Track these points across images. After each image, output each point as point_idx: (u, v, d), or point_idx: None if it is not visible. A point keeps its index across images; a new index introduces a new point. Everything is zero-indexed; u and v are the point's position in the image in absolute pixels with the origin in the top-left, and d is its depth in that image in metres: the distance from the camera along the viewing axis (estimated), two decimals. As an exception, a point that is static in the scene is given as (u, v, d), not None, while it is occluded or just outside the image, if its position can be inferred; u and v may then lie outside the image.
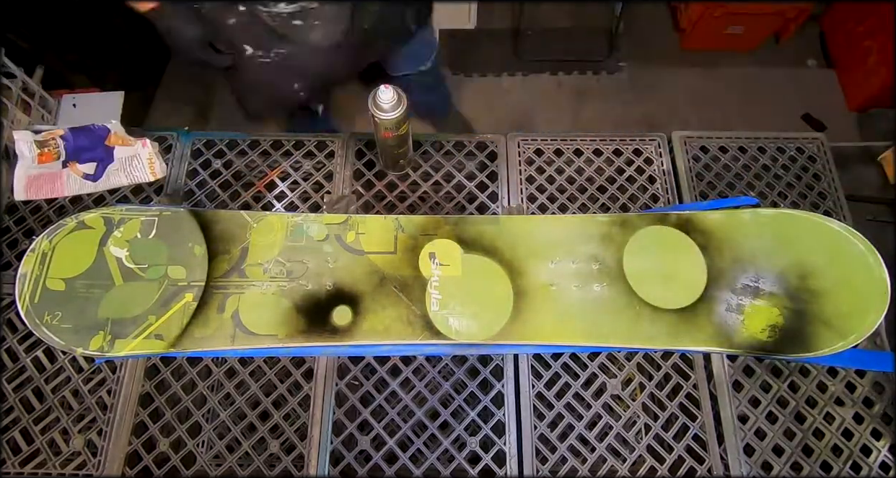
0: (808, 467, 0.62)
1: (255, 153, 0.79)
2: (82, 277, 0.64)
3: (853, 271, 0.64)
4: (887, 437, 0.64)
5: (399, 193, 0.77)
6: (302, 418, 0.64)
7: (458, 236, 0.69)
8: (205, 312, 0.64)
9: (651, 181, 0.78)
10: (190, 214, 0.69)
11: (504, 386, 0.65)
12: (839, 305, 0.63)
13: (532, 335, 0.64)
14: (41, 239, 0.65)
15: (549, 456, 0.62)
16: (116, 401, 0.64)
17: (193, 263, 0.66)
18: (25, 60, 1.05)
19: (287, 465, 0.62)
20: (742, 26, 1.74)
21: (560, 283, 0.67)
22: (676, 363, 0.67)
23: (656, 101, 1.77)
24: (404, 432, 0.63)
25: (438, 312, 0.65)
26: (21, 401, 0.64)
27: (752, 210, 0.70)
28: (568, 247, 0.69)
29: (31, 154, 0.74)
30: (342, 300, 0.65)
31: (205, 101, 1.73)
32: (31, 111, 1.00)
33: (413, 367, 0.67)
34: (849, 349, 0.62)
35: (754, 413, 0.64)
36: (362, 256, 0.68)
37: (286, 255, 0.67)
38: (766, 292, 0.65)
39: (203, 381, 0.66)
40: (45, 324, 0.62)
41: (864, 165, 0.93)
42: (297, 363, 0.66)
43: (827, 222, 0.67)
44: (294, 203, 0.76)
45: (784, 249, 0.67)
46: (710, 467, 0.62)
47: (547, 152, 0.80)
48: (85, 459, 0.62)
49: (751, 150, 0.81)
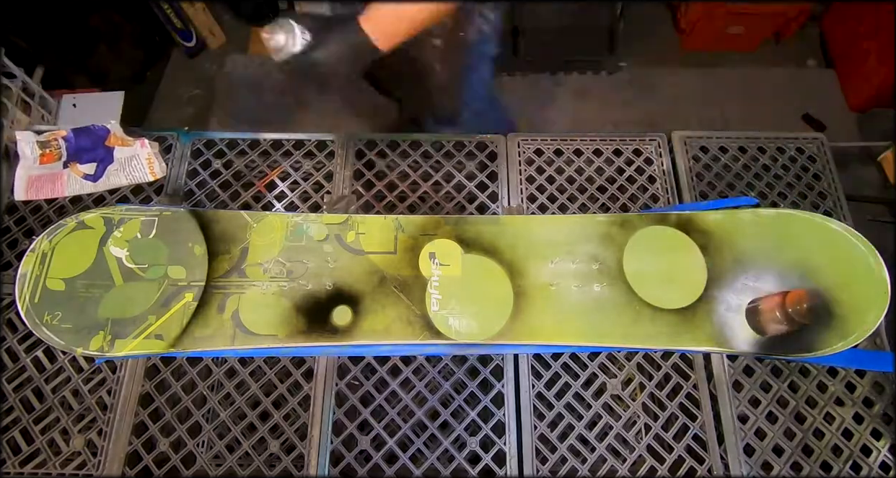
0: (808, 467, 0.62)
1: (255, 153, 0.79)
2: (82, 277, 0.64)
3: (853, 272, 0.64)
4: (887, 437, 0.64)
5: (399, 193, 0.77)
6: (302, 418, 0.64)
7: (458, 236, 0.69)
8: (205, 312, 0.64)
9: (651, 181, 0.78)
10: (190, 214, 0.69)
11: (504, 386, 0.65)
12: (839, 306, 0.63)
13: (532, 335, 0.64)
14: (41, 239, 0.65)
15: (549, 456, 0.62)
16: (116, 401, 0.64)
17: (193, 263, 0.66)
18: (25, 60, 1.05)
19: (287, 465, 0.62)
20: (742, 26, 1.74)
21: (560, 283, 0.67)
22: (676, 363, 0.67)
23: (656, 102, 1.77)
24: (404, 432, 0.63)
25: (438, 312, 0.65)
26: (21, 401, 0.64)
27: (752, 210, 0.70)
28: (568, 247, 0.69)
29: (33, 155, 0.74)
30: (342, 300, 0.65)
31: (205, 102, 1.73)
32: (31, 111, 1.01)
33: (413, 367, 0.67)
34: (849, 349, 0.62)
35: (754, 413, 0.64)
36: (362, 256, 0.68)
37: (286, 255, 0.67)
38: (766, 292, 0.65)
39: (203, 381, 0.66)
40: (45, 324, 0.62)
41: (864, 165, 0.93)
42: (297, 363, 0.66)
43: (827, 222, 0.67)
44: (294, 203, 0.76)
45: (784, 249, 0.67)
46: (710, 467, 0.62)
47: (547, 152, 0.80)
48: (85, 459, 0.62)
49: (751, 150, 0.81)
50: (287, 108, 1.66)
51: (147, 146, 0.76)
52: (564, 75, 1.81)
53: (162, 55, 1.77)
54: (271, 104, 1.70)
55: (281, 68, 0.65)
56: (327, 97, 1.60)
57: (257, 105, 1.71)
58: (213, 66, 1.80)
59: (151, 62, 1.73)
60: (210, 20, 1.75)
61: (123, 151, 0.76)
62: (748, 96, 1.76)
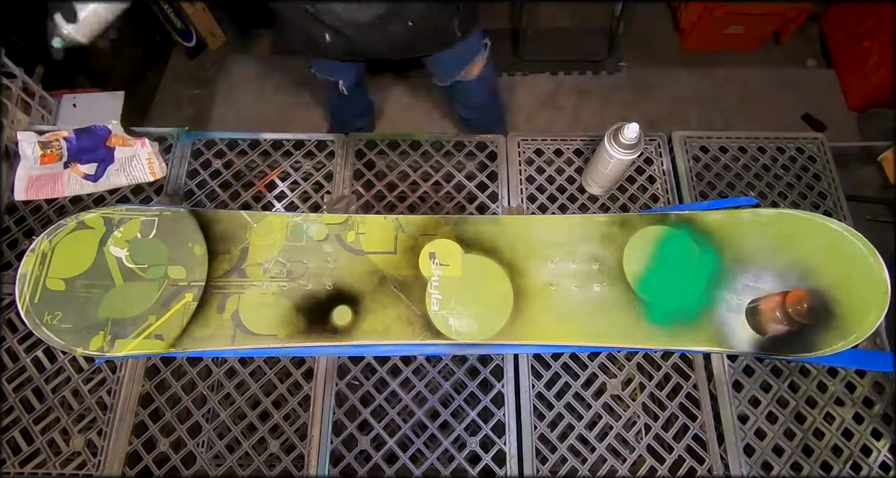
0: (808, 467, 0.62)
1: (255, 153, 0.79)
2: (82, 277, 0.64)
3: (853, 271, 0.64)
4: (887, 437, 0.64)
5: (399, 193, 0.77)
6: (302, 418, 0.64)
7: (459, 236, 0.69)
8: (205, 312, 0.64)
9: (651, 181, 0.78)
10: (190, 214, 0.69)
11: (504, 386, 0.65)
12: (839, 306, 0.63)
13: (532, 335, 0.64)
14: (41, 239, 0.65)
15: (549, 456, 0.62)
16: (116, 401, 0.64)
17: (193, 263, 0.66)
18: (25, 60, 1.05)
19: (287, 465, 0.62)
20: (742, 26, 1.74)
21: (560, 283, 0.67)
22: (676, 363, 0.67)
23: (656, 101, 1.77)
24: (404, 432, 0.63)
25: (438, 312, 0.65)
26: (21, 401, 0.64)
27: (752, 210, 0.70)
28: (568, 247, 0.69)
29: (34, 155, 0.74)
30: (342, 300, 0.65)
31: (205, 102, 1.73)
32: (31, 111, 1.00)
33: (413, 367, 0.67)
34: (849, 349, 0.62)
35: (754, 413, 0.64)
36: (362, 256, 0.68)
37: (286, 255, 0.67)
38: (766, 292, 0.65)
39: (203, 381, 0.66)
40: (46, 324, 0.62)
41: (864, 165, 0.93)
42: (297, 363, 0.66)
43: (827, 222, 0.67)
44: (294, 203, 0.76)
45: (784, 249, 0.67)
46: (710, 467, 0.62)
47: (547, 152, 0.80)
48: (85, 459, 0.62)
49: (751, 150, 0.81)
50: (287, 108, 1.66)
51: (147, 146, 0.76)
52: (564, 75, 1.81)
53: (162, 55, 1.77)
54: (271, 104, 1.70)
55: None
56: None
57: (257, 105, 1.71)
58: (213, 67, 1.80)
59: (151, 62, 1.73)
60: (210, 20, 1.75)
61: (124, 151, 0.76)
62: (748, 96, 1.76)
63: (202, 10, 1.70)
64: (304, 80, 1.73)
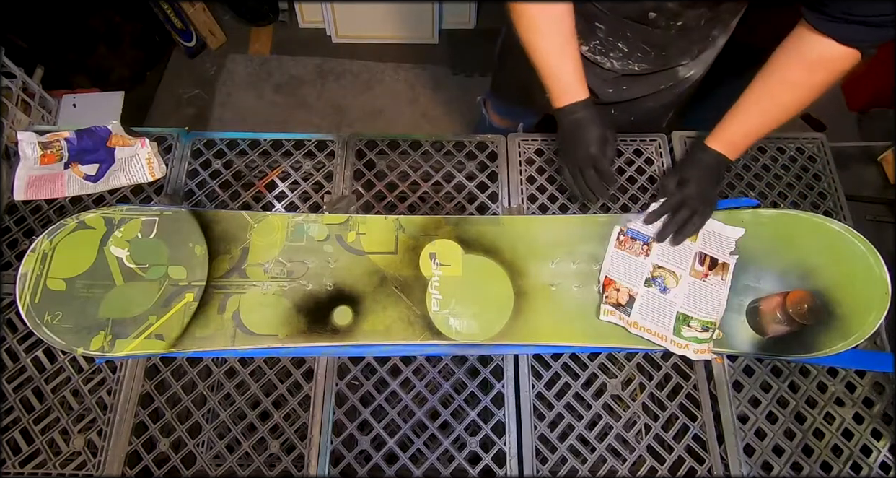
0: (808, 467, 0.62)
1: (255, 153, 0.79)
2: (83, 276, 0.64)
3: (853, 272, 0.64)
4: (887, 437, 0.64)
5: (399, 193, 0.77)
6: (302, 418, 0.64)
7: (459, 236, 0.69)
8: (205, 312, 0.64)
9: (651, 181, 0.78)
10: (190, 215, 0.69)
11: (504, 386, 0.65)
12: (840, 306, 0.63)
13: (532, 335, 0.64)
14: (41, 239, 0.65)
15: (549, 456, 0.62)
16: (116, 401, 0.64)
17: (194, 263, 0.66)
18: (25, 60, 1.05)
19: (287, 465, 0.62)
20: (742, 26, 1.74)
21: (560, 283, 0.67)
22: (676, 363, 0.67)
23: (656, 102, 1.76)
24: (404, 432, 0.63)
25: (439, 313, 0.65)
26: (21, 401, 0.64)
27: (753, 210, 0.70)
28: (568, 247, 0.69)
29: (34, 155, 0.74)
30: (343, 300, 0.65)
31: (205, 102, 1.73)
32: (31, 111, 1.01)
33: (413, 367, 0.67)
34: (849, 350, 0.62)
35: (754, 413, 0.64)
36: (363, 257, 0.68)
37: (287, 255, 0.67)
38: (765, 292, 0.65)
39: (203, 381, 0.66)
40: (46, 324, 0.62)
41: (864, 165, 0.93)
42: (297, 363, 0.66)
43: (827, 222, 0.67)
44: (294, 203, 0.76)
45: (784, 249, 0.67)
46: (710, 467, 0.62)
47: (547, 152, 0.80)
48: (85, 459, 0.62)
49: (751, 150, 0.81)
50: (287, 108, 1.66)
51: (147, 146, 0.76)
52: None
53: (162, 55, 1.76)
54: (271, 104, 1.70)
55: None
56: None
57: (257, 105, 1.71)
58: (213, 67, 1.80)
59: (151, 62, 1.73)
60: (210, 20, 1.75)
61: (124, 151, 0.76)
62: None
63: (202, 10, 1.70)
64: (305, 80, 1.73)
